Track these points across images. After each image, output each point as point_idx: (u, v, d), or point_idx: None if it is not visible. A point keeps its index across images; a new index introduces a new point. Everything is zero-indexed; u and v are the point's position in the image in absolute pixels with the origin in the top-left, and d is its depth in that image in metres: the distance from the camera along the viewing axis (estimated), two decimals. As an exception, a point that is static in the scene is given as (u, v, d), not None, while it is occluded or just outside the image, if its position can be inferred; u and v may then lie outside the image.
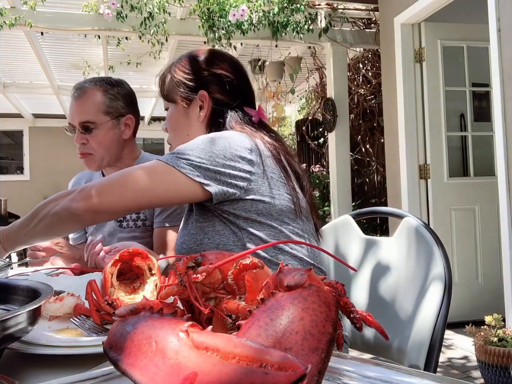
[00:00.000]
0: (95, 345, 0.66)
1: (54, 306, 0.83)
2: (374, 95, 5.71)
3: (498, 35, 2.96)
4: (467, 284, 3.92)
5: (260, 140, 1.15)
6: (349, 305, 0.41)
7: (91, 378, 0.43)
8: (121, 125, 1.76)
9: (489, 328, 2.72)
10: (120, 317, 0.40)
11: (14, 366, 0.65)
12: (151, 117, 8.89)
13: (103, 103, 1.71)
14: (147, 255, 0.84)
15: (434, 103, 3.96)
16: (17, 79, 6.64)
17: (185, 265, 0.47)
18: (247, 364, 0.30)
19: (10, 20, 3.88)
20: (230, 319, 0.46)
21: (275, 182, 1.10)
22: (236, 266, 0.45)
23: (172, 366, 0.32)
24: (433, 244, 1.12)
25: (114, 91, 1.74)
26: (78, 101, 1.71)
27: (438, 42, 3.99)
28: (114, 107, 1.73)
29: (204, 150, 1.06)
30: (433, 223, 3.88)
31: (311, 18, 4.23)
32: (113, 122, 1.74)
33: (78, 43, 4.88)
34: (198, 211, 1.15)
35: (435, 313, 1.06)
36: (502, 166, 2.95)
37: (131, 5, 3.85)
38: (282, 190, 1.11)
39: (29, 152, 9.83)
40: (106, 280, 0.81)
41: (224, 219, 1.10)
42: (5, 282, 0.75)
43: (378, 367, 0.41)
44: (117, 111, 1.74)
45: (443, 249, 1.10)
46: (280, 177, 1.12)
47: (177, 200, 1.13)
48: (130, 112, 1.78)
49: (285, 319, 0.34)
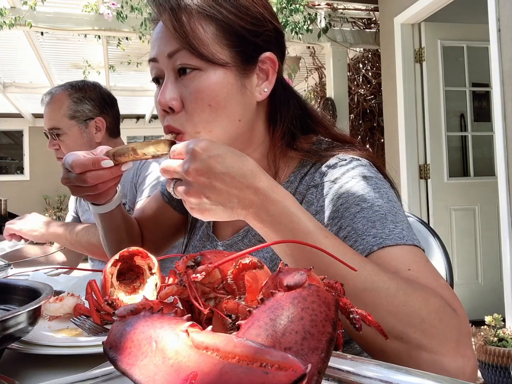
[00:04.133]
0: (95, 345, 0.66)
1: (54, 306, 0.83)
2: (374, 95, 5.71)
3: (498, 35, 2.96)
4: (467, 284, 3.92)
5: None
6: (348, 305, 0.41)
7: (91, 378, 0.43)
8: (91, 128, 1.74)
9: (489, 328, 2.72)
10: (120, 317, 0.40)
11: (14, 366, 0.65)
12: (152, 115, 8.89)
13: (68, 107, 1.71)
14: (147, 254, 0.84)
15: (434, 103, 3.96)
16: (17, 79, 6.63)
17: (185, 264, 0.47)
18: (247, 363, 0.30)
19: (10, 20, 3.88)
20: (229, 319, 0.46)
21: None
22: (236, 266, 0.45)
23: (172, 366, 0.32)
24: (435, 245, 1.11)
25: (80, 95, 1.73)
26: (46, 107, 1.73)
27: (438, 42, 3.99)
28: (80, 111, 1.72)
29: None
30: (433, 223, 3.88)
31: (310, 18, 4.23)
32: (79, 126, 1.72)
33: (78, 43, 4.88)
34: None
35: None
36: (502, 166, 2.95)
37: (131, 6, 3.85)
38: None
39: (29, 152, 9.83)
40: (106, 280, 0.81)
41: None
42: (5, 282, 0.75)
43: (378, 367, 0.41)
44: (84, 115, 1.72)
45: (445, 250, 1.10)
46: None
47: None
48: (100, 114, 1.75)
49: (285, 319, 0.34)
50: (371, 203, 0.74)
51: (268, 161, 0.91)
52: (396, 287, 0.60)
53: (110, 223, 1.05)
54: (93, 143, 1.73)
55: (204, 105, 0.79)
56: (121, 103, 1.93)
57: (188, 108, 0.80)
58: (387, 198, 0.76)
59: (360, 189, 0.76)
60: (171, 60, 0.80)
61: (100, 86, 1.82)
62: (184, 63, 0.79)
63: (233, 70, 0.81)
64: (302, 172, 0.89)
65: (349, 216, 0.74)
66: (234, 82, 0.81)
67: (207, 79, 0.79)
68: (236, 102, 0.82)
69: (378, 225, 0.71)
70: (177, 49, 0.79)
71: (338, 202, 0.77)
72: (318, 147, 0.89)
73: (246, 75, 0.83)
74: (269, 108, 0.90)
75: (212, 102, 0.79)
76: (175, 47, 0.79)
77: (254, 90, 0.84)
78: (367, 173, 0.80)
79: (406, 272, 0.66)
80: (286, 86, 0.92)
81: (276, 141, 0.90)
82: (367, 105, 5.85)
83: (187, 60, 0.79)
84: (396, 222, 0.72)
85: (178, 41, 0.79)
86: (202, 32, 0.79)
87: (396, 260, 0.68)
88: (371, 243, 0.69)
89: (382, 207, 0.74)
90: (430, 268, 0.69)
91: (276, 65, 0.85)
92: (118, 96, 8.32)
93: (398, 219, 0.73)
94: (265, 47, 0.84)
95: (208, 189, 0.62)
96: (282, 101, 0.89)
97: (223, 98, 0.80)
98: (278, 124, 0.89)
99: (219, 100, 0.80)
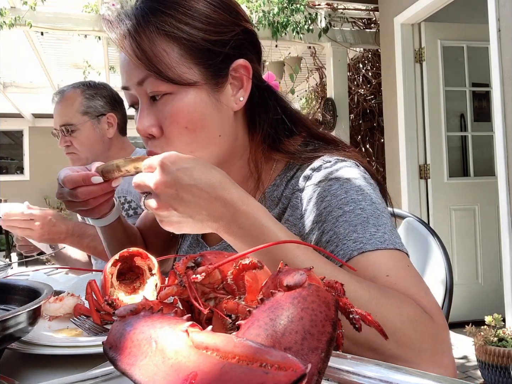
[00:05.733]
0: (95, 345, 0.66)
1: (54, 306, 0.83)
2: (374, 95, 5.71)
3: (498, 35, 2.96)
4: (467, 284, 3.92)
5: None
6: (348, 305, 0.41)
7: (91, 378, 0.43)
8: (103, 124, 1.77)
9: (489, 328, 2.73)
10: (120, 317, 0.40)
11: (14, 366, 0.65)
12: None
13: (80, 103, 1.74)
14: (147, 255, 0.84)
15: (434, 103, 3.97)
16: (17, 79, 6.64)
17: (185, 265, 0.47)
18: (247, 363, 0.30)
19: (10, 20, 3.88)
20: (229, 319, 0.46)
21: None
22: (236, 266, 0.45)
23: (172, 366, 0.32)
24: (435, 245, 1.11)
25: (92, 91, 1.77)
26: (58, 105, 1.76)
27: (438, 42, 3.99)
28: (92, 107, 1.75)
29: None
30: (433, 223, 3.88)
31: (311, 18, 4.23)
32: (92, 122, 1.76)
33: (78, 43, 4.88)
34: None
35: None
36: (502, 166, 2.96)
37: (131, 6, 3.85)
38: None
39: (29, 152, 9.83)
40: (106, 280, 0.81)
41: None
42: (5, 282, 0.75)
43: (378, 367, 0.41)
44: (96, 111, 1.76)
45: (445, 250, 1.10)
46: None
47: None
48: (111, 111, 1.79)
49: (285, 319, 0.34)
50: (353, 206, 0.73)
51: (249, 166, 0.89)
52: (368, 297, 0.59)
53: (111, 235, 1.06)
54: (105, 139, 1.77)
55: (181, 128, 0.79)
56: (121, 104, 1.98)
57: (167, 133, 0.80)
58: (370, 200, 0.75)
59: (343, 192, 0.75)
60: (141, 87, 0.79)
61: (110, 86, 1.87)
62: (154, 90, 0.78)
63: (204, 88, 0.79)
64: (288, 176, 0.87)
65: (331, 219, 0.74)
66: (207, 100, 0.80)
67: (179, 101, 0.78)
68: (213, 119, 0.80)
69: (359, 229, 0.70)
70: (144, 77, 0.78)
71: (321, 206, 0.77)
72: (303, 149, 0.88)
73: (219, 89, 0.81)
74: (247, 114, 0.88)
75: (188, 124, 0.78)
76: (142, 75, 0.78)
77: (230, 101, 0.82)
78: (352, 175, 0.79)
79: (384, 278, 0.65)
80: (265, 87, 0.88)
81: (257, 145, 0.89)
82: (367, 105, 5.85)
83: (156, 87, 0.78)
84: (378, 225, 0.71)
85: (143, 69, 0.77)
86: (165, 55, 0.77)
87: (374, 265, 0.67)
88: (351, 248, 0.69)
89: (364, 209, 0.73)
90: (410, 273, 0.68)
91: (250, 72, 0.82)
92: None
93: (381, 222, 0.72)
94: (236, 54, 0.81)
95: (176, 201, 0.63)
96: (260, 104, 0.87)
97: (199, 118, 0.79)
98: (258, 128, 0.87)
99: (195, 121, 0.79)
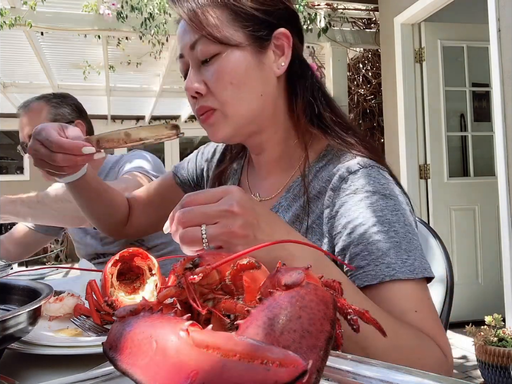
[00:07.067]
0: (95, 345, 0.66)
1: (54, 306, 0.83)
2: (374, 95, 5.70)
3: (498, 35, 2.96)
4: (467, 284, 3.92)
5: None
6: (346, 305, 0.41)
7: (91, 378, 0.43)
8: None
9: (489, 328, 2.72)
10: (120, 317, 0.40)
11: (14, 366, 0.65)
12: (152, 116, 8.88)
13: (48, 112, 1.73)
14: (147, 255, 0.84)
15: (434, 103, 3.96)
16: (17, 79, 6.63)
17: (183, 266, 0.47)
18: (248, 361, 0.30)
19: (10, 20, 3.87)
20: (228, 320, 0.46)
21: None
22: (234, 267, 0.46)
23: (173, 365, 0.32)
24: (435, 245, 1.11)
25: (57, 100, 1.76)
26: (24, 117, 1.73)
27: (438, 42, 3.99)
28: (60, 114, 1.74)
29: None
30: (433, 223, 3.88)
31: (310, 18, 4.23)
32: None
33: (78, 43, 4.87)
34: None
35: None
36: (502, 166, 2.95)
37: (131, 6, 3.85)
38: None
39: (29, 152, 9.81)
40: (106, 280, 0.81)
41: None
42: (5, 282, 0.75)
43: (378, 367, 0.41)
44: (64, 118, 1.74)
45: (445, 250, 1.10)
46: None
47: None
48: (79, 118, 1.78)
49: (283, 318, 0.34)
50: (387, 228, 0.76)
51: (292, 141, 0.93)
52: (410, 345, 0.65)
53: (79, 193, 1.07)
54: None
55: (226, 84, 0.85)
56: (120, 104, 1.94)
57: (212, 88, 0.86)
58: (403, 222, 0.78)
59: (379, 210, 0.78)
60: (193, 51, 0.86)
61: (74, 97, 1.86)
62: (204, 51, 0.85)
63: (248, 49, 0.86)
64: (317, 166, 0.90)
65: (364, 233, 0.76)
66: (251, 60, 0.87)
67: (225, 60, 0.85)
68: (256, 77, 0.87)
69: (392, 253, 0.74)
70: (196, 40, 0.85)
71: (354, 215, 0.79)
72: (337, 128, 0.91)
73: (262, 52, 0.88)
74: (288, 84, 0.93)
75: (233, 80, 0.85)
76: (195, 37, 0.85)
77: (272, 65, 0.89)
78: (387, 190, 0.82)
79: (412, 313, 0.70)
80: (305, 64, 0.95)
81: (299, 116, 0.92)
82: (367, 105, 5.84)
83: (206, 47, 0.85)
84: (409, 250, 0.75)
85: (196, 31, 0.85)
86: (215, 18, 0.85)
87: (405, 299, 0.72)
88: (383, 272, 0.73)
89: (398, 232, 0.76)
90: (432, 308, 0.74)
91: (290, 40, 0.89)
92: (118, 96, 8.28)
93: (412, 246, 0.76)
94: (278, 24, 0.88)
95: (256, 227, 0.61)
96: (300, 75, 0.93)
97: (243, 75, 0.86)
98: (298, 96, 0.92)
99: (239, 77, 0.86)
